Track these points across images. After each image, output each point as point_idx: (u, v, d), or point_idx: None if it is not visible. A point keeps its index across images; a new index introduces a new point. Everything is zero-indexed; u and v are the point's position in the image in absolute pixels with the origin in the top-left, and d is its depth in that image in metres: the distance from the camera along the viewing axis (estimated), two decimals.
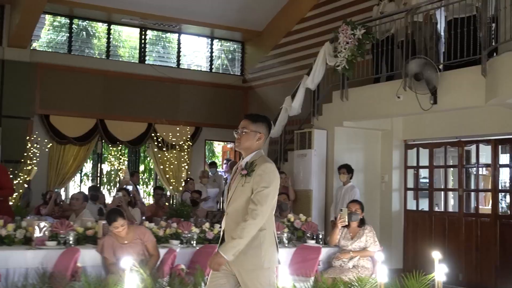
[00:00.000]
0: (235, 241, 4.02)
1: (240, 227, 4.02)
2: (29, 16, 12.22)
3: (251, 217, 4.01)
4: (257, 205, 4.02)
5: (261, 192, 4.05)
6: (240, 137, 4.26)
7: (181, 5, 13.61)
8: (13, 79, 12.76)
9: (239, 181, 4.17)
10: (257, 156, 4.21)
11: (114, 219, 5.98)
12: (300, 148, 11.03)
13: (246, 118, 4.36)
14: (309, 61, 12.99)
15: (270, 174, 4.13)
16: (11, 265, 5.72)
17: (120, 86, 13.86)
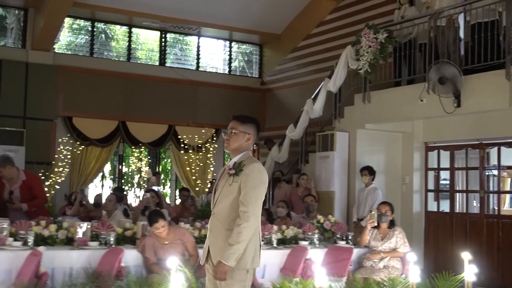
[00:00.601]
0: (234, 247, 3.98)
1: (235, 232, 3.99)
2: (54, 20, 12.43)
3: (244, 220, 3.99)
4: (248, 207, 4.01)
5: (250, 193, 4.04)
6: (229, 138, 4.26)
7: (200, 8, 13.77)
8: (37, 82, 12.96)
9: (227, 181, 4.18)
10: (245, 157, 4.22)
11: (156, 220, 6.15)
12: (322, 150, 11.19)
13: (235, 119, 4.35)
14: (328, 64, 13.17)
15: (258, 174, 4.12)
16: (56, 265, 5.89)
17: (141, 88, 14.03)
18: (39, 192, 7.87)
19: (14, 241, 6.02)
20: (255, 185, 4.07)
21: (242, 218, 4.00)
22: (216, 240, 4.15)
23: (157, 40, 15.07)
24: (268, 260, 6.95)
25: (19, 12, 13.87)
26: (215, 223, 4.21)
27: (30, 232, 6.06)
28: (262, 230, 7.11)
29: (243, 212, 4.01)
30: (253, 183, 4.07)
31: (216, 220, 4.20)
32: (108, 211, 8.38)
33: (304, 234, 7.59)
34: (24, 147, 12.53)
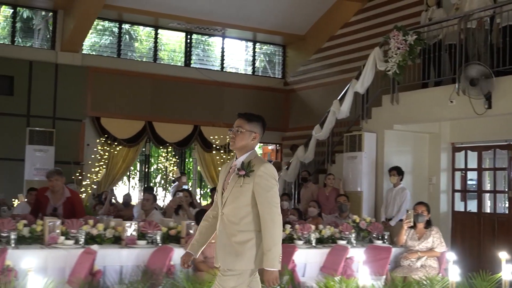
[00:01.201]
0: (272, 250, 3.99)
1: (267, 237, 4.00)
2: (84, 22, 12.63)
3: (271, 222, 4.01)
4: (271, 207, 4.03)
5: (267, 195, 4.05)
6: (235, 136, 4.24)
7: (225, 9, 13.93)
8: (66, 83, 13.16)
9: (236, 181, 4.13)
10: (252, 156, 4.20)
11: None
12: (350, 151, 11.31)
13: (241, 117, 4.32)
14: (353, 65, 13.31)
15: (272, 174, 4.12)
16: (107, 263, 6.06)
17: (167, 89, 14.21)
18: (80, 209, 7.98)
19: (66, 239, 6.18)
20: (270, 186, 4.08)
21: (268, 220, 4.02)
22: (228, 242, 4.14)
23: (182, 41, 15.22)
24: (308, 259, 7.09)
25: (46, 13, 14.08)
26: (226, 224, 4.18)
27: (81, 231, 6.22)
28: (301, 230, 7.31)
29: (267, 213, 4.03)
30: (268, 185, 4.07)
31: (227, 221, 4.17)
32: (146, 210, 8.53)
33: (341, 234, 7.72)
34: (54, 147, 12.71)
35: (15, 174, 12.48)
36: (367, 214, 10.63)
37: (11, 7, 13.57)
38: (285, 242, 7.26)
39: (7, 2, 13.37)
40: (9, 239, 5.93)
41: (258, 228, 4.09)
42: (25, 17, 14.56)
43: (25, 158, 12.57)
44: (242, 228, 4.10)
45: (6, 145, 12.61)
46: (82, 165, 13.27)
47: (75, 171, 12.63)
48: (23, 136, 12.57)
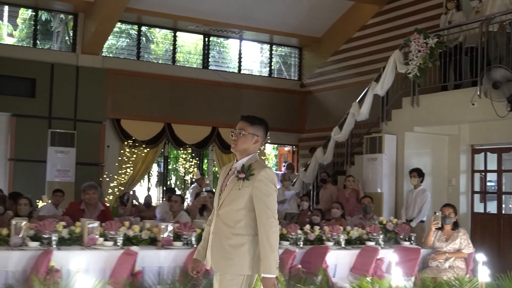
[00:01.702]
0: (269, 257, 3.93)
1: (264, 243, 3.94)
2: (105, 25, 12.77)
3: (269, 227, 3.95)
4: (269, 213, 3.97)
5: (266, 200, 3.99)
6: (237, 139, 4.18)
7: (243, 12, 14.05)
8: (87, 85, 13.29)
9: (235, 184, 4.08)
10: (253, 160, 4.14)
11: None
12: (370, 152, 11.42)
13: (244, 120, 4.25)
14: (370, 67, 13.43)
15: (272, 180, 4.06)
16: (146, 264, 6.18)
17: (185, 91, 14.34)
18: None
19: (105, 241, 6.31)
20: (270, 191, 4.03)
21: (266, 226, 3.96)
22: (221, 244, 4.08)
23: (200, 44, 15.36)
24: (339, 260, 7.19)
25: (65, 16, 14.23)
26: (220, 226, 4.12)
27: (119, 233, 6.35)
28: (330, 231, 7.43)
29: (266, 218, 3.97)
30: (268, 190, 4.02)
31: (222, 224, 4.11)
32: (174, 211, 8.64)
33: (369, 235, 7.83)
34: (75, 149, 12.85)
35: (37, 175, 12.62)
36: (387, 216, 10.76)
37: (32, 10, 13.70)
38: (315, 243, 7.40)
39: (28, 5, 13.50)
40: (51, 240, 6.06)
41: (252, 233, 4.04)
42: (44, 20, 14.70)
43: (47, 160, 12.68)
44: (236, 231, 4.05)
45: (28, 146, 12.74)
46: (103, 166, 13.40)
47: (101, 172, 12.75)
48: (45, 138, 12.70)
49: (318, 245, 7.17)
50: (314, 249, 6.97)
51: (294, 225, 7.34)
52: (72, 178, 12.81)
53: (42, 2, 13.31)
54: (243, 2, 13.77)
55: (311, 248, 7.02)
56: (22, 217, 7.36)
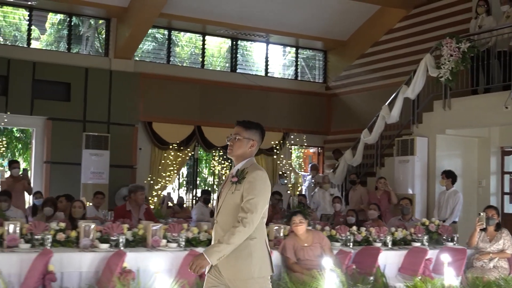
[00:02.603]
0: (222, 245, 3.94)
1: (228, 232, 3.95)
2: (138, 30, 13.00)
3: (241, 224, 3.94)
4: (247, 213, 3.95)
5: (251, 200, 3.97)
6: (233, 144, 4.18)
7: (269, 16, 14.26)
8: (120, 89, 13.53)
9: (229, 189, 4.11)
10: (248, 164, 4.14)
11: (295, 214, 6.73)
12: (402, 155, 11.67)
13: (239, 125, 4.25)
14: (397, 71, 13.66)
15: (261, 181, 4.05)
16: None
17: (214, 94, 14.56)
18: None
19: (168, 242, 6.56)
20: (256, 192, 4.01)
21: (240, 222, 3.94)
22: None
23: (228, 48, 15.60)
24: (388, 261, 7.42)
25: (96, 21, 14.49)
26: (219, 232, 4.12)
27: (181, 234, 6.60)
28: (377, 232, 7.66)
29: (241, 217, 3.96)
30: (255, 190, 4.00)
31: (220, 229, 4.12)
32: None
33: (413, 236, 8.07)
34: (109, 151, 13.09)
35: (72, 177, 12.84)
36: (419, 217, 10.99)
37: (65, 15, 13.95)
38: (362, 244, 7.64)
39: (61, 11, 13.75)
40: (118, 242, 6.32)
41: (250, 236, 4.03)
42: (72, 24, 14.94)
43: (81, 162, 12.93)
44: None
45: (64, 149, 12.99)
46: (135, 168, 13.66)
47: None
48: (79, 141, 12.94)
49: (370, 246, 7.40)
50: (366, 250, 7.20)
51: (344, 227, 7.58)
52: (106, 180, 13.04)
53: (75, 8, 13.52)
54: (270, 6, 13.98)
55: (362, 249, 7.26)
56: (76, 219, 7.66)
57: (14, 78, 12.66)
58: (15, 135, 17.21)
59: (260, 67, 15.99)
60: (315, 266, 6.61)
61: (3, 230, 6.05)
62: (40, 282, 5.54)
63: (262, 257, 4.09)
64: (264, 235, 4.21)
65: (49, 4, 13.24)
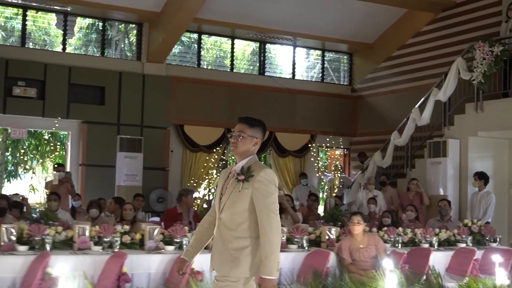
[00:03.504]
0: (270, 257, 3.88)
1: (265, 244, 3.89)
2: (172, 35, 13.22)
3: (269, 228, 3.91)
4: (270, 214, 3.94)
5: (266, 201, 3.97)
6: (237, 142, 4.18)
7: (297, 20, 14.46)
8: (152, 92, 13.75)
9: (235, 186, 4.06)
10: (252, 161, 4.13)
11: (355, 214, 6.99)
12: (433, 156, 11.87)
13: (242, 122, 4.28)
14: (425, 73, 13.86)
15: (272, 180, 4.05)
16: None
17: (243, 97, 14.77)
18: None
19: None
20: (269, 191, 4.01)
21: (267, 227, 3.92)
22: (225, 248, 4.05)
23: (256, 51, 15.82)
24: (435, 261, 7.59)
25: (126, 25, 14.73)
26: (222, 230, 4.10)
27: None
28: (424, 234, 7.86)
29: (266, 219, 3.94)
30: (267, 190, 4.00)
31: (224, 227, 4.08)
32: None
33: (456, 237, 8.27)
34: (142, 154, 13.32)
35: (107, 179, 13.07)
36: (452, 218, 11.20)
37: (98, 20, 14.18)
38: (408, 245, 7.85)
39: (93, 16, 13.97)
40: (182, 244, 6.53)
41: (255, 235, 4.01)
42: (100, 28, 15.15)
43: (116, 165, 13.17)
44: (238, 234, 4.02)
45: (98, 152, 13.22)
46: (167, 170, 13.88)
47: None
48: (114, 144, 13.17)
49: (421, 247, 7.60)
50: (416, 251, 7.40)
51: (392, 228, 7.78)
52: (140, 182, 13.27)
53: (107, 13, 13.74)
54: (297, 10, 14.18)
55: (413, 250, 7.46)
56: (127, 221, 7.89)
57: (50, 83, 12.90)
58: (44, 138, 17.45)
59: (287, 70, 16.18)
60: (369, 267, 6.84)
61: (73, 233, 6.27)
62: (115, 283, 5.76)
63: (261, 257, 3.99)
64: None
65: (81, 9, 13.45)
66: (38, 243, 5.97)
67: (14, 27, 13.74)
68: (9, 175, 17.51)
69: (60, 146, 17.29)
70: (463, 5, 13.36)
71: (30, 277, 5.51)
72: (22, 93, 12.60)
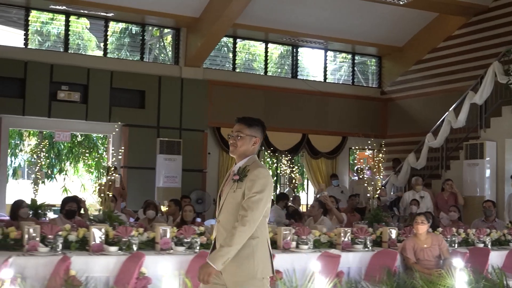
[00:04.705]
0: (224, 249, 3.87)
1: (229, 234, 3.89)
2: (211, 40, 13.53)
3: (241, 224, 3.87)
4: (247, 211, 3.88)
5: (252, 198, 3.91)
6: (236, 142, 4.12)
7: (328, 24, 14.76)
8: (190, 96, 14.06)
9: (231, 187, 4.06)
10: (250, 161, 4.08)
11: (419, 214, 7.34)
12: (470, 158, 12.16)
13: (240, 122, 4.21)
14: (457, 76, 14.15)
15: (263, 179, 3.99)
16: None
17: (277, 100, 15.07)
18: None
19: None
20: (258, 190, 3.95)
21: (240, 221, 3.89)
22: None
23: (289, 54, 16.13)
24: (492, 260, 7.84)
25: (160, 30, 15.05)
26: (221, 232, 4.07)
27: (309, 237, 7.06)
28: (477, 234, 8.14)
29: (242, 216, 3.90)
30: (257, 188, 3.95)
31: (222, 229, 4.06)
32: (314, 216, 9.33)
33: (506, 236, 8.55)
34: (181, 156, 13.63)
35: (147, 181, 13.39)
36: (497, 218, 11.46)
37: (140, 26, 14.48)
38: (462, 245, 8.12)
39: (136, 22, 14.27)
40: None
41: (252, 236, 3.97)
42: (134, 33, 15.45)
43: (156, 167, 13.48)
44: None
45: (139, 155, 13.53)
46: (205, 172, 14.18)
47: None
48: (154, 146, 13.48)
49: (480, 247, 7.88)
50: (475, 250, 7.68)
51: (449, 228, 8.05)
52: (179, 184, 13.58)
53: (146, 18, 14.04)
54: (328, 14, 14.48)
55: (471, 249, 7.73)
56: (187, 222, 8.19)
57: (93, 87, 13.22)
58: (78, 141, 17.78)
59: (319, 72, 16.48)
60: (433, 266, 7.12)
61: (156, 234, 6.56)
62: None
63: (264, 257, 4.02)
64: (266, 235, 4.14)
65: (121, 14, 13.75)
66: (125, 244, 6.25)
67: (57, 33, 14.02)
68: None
69: (94, 148, 17.66)
70: (496, 9, 13.64)
71: (124, 276, 5.80)
72: (66, 97, 12.93)
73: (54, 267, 5.75)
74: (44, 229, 6.05)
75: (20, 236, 6.11)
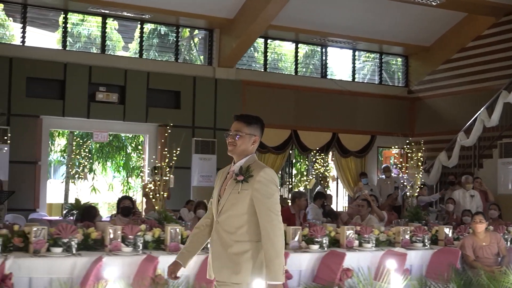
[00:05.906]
0: (275, 262, 3.73)
1: (269, 248, 3.75)
2: (246, 41, 13.72)
3: (272, 230, 3.78)
4: (271, 215, 3.79)
5: (268, 203, 3.82)
6: (234, 141, 4.03)
7: (356, 24, 14.94)
8: (223, 96, 14.27)
9: (234, 187, 3.93)
10: (251, 161, 4.01)
11: (477, 213, 7.52)
12: (505, 157, 12.36)
13: (239, 120, 4.10)
14: (486, 76, 14.34)
15: (273, 180, 3.90)
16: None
17: (307, 99, 15.28)
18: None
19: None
20: (271, 192, 3.86)
21: (269, 230, 3.78)
22: (224, 253, 3.90)
23: (318, 54, 16.31)
24: None
25: (191, 31, 15.25)
26: (220, 233, 3.95)
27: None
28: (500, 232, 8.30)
29: (268, 221, 3.80)
30: (268, 191, 3.85)
31: (222, 230, 3.94)
32: (362, 215, 9.53)
33: None
34: (216, 156, 13.84)
35: (184, 181, 13.57)
36: None
37: (174, 27, 14.66)
38: None
39: (170, 23, 14.45)
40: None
41: (255, 239, 3.87)
42: (162, 33, 15.63)
43: (191, 166, 13.68)
44: (238, 238, 3.88)
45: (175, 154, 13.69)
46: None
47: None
48: (189, 146, 13.67)
49: None
50: None
51: (502, 227, 8.25)
52: (214, 183, 13.73)
53: (179, 20, 14.22)
54: (357, 15, 14.65)
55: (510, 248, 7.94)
56: None
57: (130, 88, 13.42)
58: None
59: (347, 72, 16.67)
60: (492, 263, 7.33)
61: None
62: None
63: (262, 261, 3.86)
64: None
65: (155, 16, 13.93)
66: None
67: (91, 34, 14.21)
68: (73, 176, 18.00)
69: (123, 148, 17.86)
70: None
71: (205, 274, 5.98)
72: (105, 98, 13.13)
73: (139, 266, 5.96)
74: (125, 230, 6.26)
75: (101, 237, 6.32)
